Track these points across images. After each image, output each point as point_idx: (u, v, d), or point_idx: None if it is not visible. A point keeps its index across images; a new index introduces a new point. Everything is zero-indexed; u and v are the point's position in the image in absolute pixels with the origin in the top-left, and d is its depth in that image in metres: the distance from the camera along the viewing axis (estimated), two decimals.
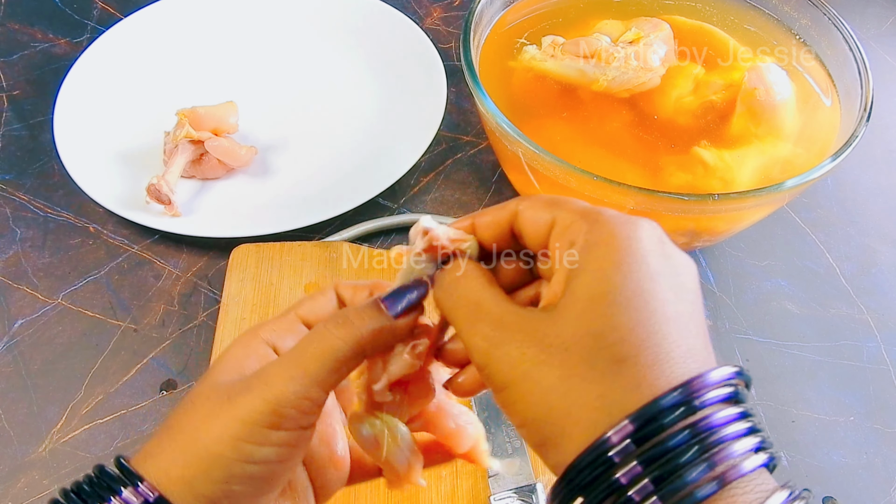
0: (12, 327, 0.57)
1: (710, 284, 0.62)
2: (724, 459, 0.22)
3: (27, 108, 0.72)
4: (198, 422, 0.28)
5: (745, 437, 0.23)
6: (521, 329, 0.25)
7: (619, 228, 0.26)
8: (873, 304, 0.61)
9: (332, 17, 0.78)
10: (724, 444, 0.23)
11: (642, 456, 0.22)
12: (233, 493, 0.27)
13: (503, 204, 0.29)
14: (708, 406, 0.23)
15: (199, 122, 0.63)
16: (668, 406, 0.23)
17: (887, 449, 0.53)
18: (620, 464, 0.23)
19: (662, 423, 0.23)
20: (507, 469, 0.47)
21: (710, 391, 0.23)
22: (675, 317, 0.25)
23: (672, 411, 0.23)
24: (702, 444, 0.22)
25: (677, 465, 0.22)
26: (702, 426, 0.23)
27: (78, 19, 0.81)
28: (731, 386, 0.24)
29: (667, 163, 0.56)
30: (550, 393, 0.24)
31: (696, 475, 0.22)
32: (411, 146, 0.65)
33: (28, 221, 0.64)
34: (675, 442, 0.22)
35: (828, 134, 0.57)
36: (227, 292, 0.56)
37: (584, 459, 0.23)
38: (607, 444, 0.23)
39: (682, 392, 0.23)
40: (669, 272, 0.26)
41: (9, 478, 0.50)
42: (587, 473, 0.23)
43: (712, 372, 0.24)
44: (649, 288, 0.25)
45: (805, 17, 0.62)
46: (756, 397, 0.56)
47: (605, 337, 0.24)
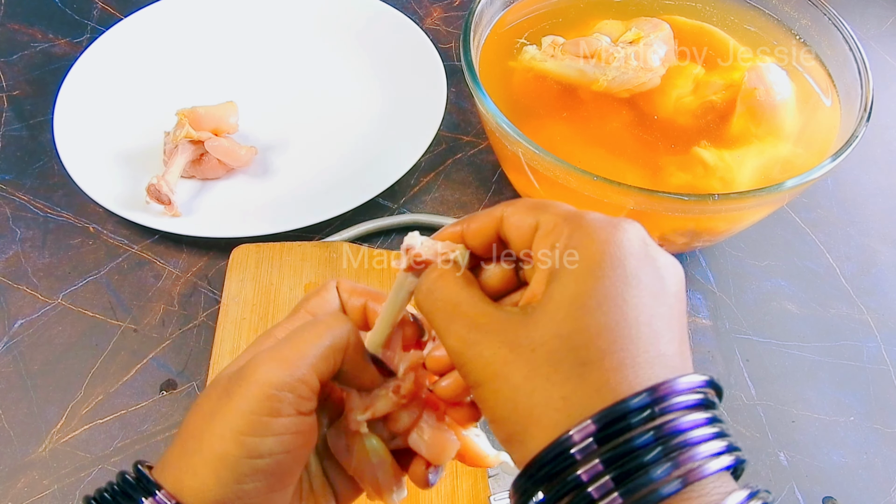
0: (12, 327, 0.57)
1: (710, 284, 0.62)
2: (688, 461, 0.23)
3: (27, 108, 0.72)
4: (202, 423, 0.28)
5: (711, 441, 0.23)
6: (495, 330, 0.26)
7: (599, 232, 0.26)
8: (873, 304, 0.61)
9: (332, 17, 0.78)
10: (688, 447, 0.23)
11: (604, 455, 0.23)
12: (244, 492, 0.27)
13: (490, 209, 0.29)
14: (673, 411, 0.23)
15: (199, 122, 0.63)
16: (632, 409, 0.23)
17: (887, 449, 0.53)
18: (582, 461, 0.23)
19: (628, 424, 0.23)
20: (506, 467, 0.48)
21: (677, 397, 0.23)
22: (647, 321, 0.25)
23: (636, 414, 0.23)
24: (665, 446, 0.23)
25: (640, 463, 0.22)
26: (667, 429, 0.23)
27: (78, 19, 0.81)
28: (701, 393, 0.24)
29: (667, 163, 0.56)
30: (517, 392, 0.25)
31: (660, 474, 0.22)
32: (411, 146, 0.65)
33: (28, 221, 0.64)
34: (639, 443, 0.23)
35: (828, 134, 0.57)
36: (227, 292, 0.56)
37: (546, 455, 0.24)
38: (569, 441, 0.23)
39: (648, 396, 0.23)
40: (650, 275, 0.25)
41: (9, 478, 0.50)
42: (548, 468, 0.23)
43: (681, 378, 0.24)
44: (622, 292, 0.25)
45: (805, 17, 0.62)
46: (756, 397, 0.56)
47: (572, 339, 0.24)
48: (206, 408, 0.28)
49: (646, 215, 0.51)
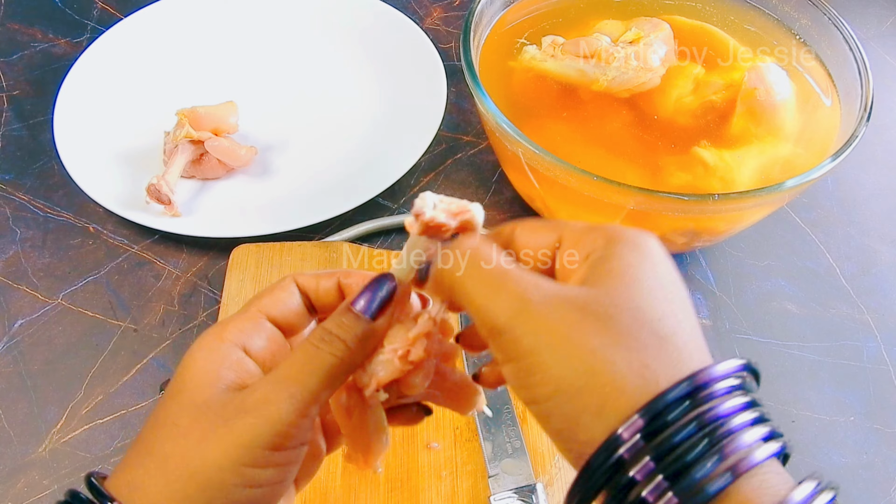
0: (12, 327, 0.57)
1: (710, 284, 0.62)
2: (735, 451, 0.23)
3: (27, 108, 0.72)
4: (188, 448, 0.27)
5: (755, 427, 0.23)
6: (557, 295, 0.25)
7: (634, 233, 0.27)
8: (873, 304, 0.61)
9: (332, 17, 0.78)
10: (733, 435, 0.23)
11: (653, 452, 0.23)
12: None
13: (497, 230, 0.29)
14: (715, 397, 0.23)
15: (199, 122, 0.63)
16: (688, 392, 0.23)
17: (887, 449, 0.53)
18: (631, 461, 0.23)
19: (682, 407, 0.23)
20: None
21: (720, 381, 0.24)
22: (691, 313, 0.26)
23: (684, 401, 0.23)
24: (711, 437, 0.23)
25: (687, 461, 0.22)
26: (709, 416, 0.23)
27: (78, 19, 0.81)
28: (739, 378, 0.25)
29: (667, 163, 0.56)
30: (594, 356, 0.24)
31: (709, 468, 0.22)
32: (411, 146, 0.65)
33: (28, 221, 0.64)
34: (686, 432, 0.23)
35: (828, 134, 0.57)
36: (227, 292, 0.56)
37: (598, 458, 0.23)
38: (619, 440, 0.23)
39: (700, 378, 0.23)
40: (678, 275, 0.27)
41: (9, 478, 0.50)
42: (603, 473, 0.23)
43: (719, 365, 0.24)
44: (670, 282, 0.26)
45: (805, 17, 0.62)
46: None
47: (646, 313, 0.25)
48: (194, 434, 0.27)
49: (646, 215, 0.51)
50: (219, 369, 0.28)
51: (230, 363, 0.29)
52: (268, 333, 0.30)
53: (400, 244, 0.62)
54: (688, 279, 0.62)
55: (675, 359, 0.24)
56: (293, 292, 0.31)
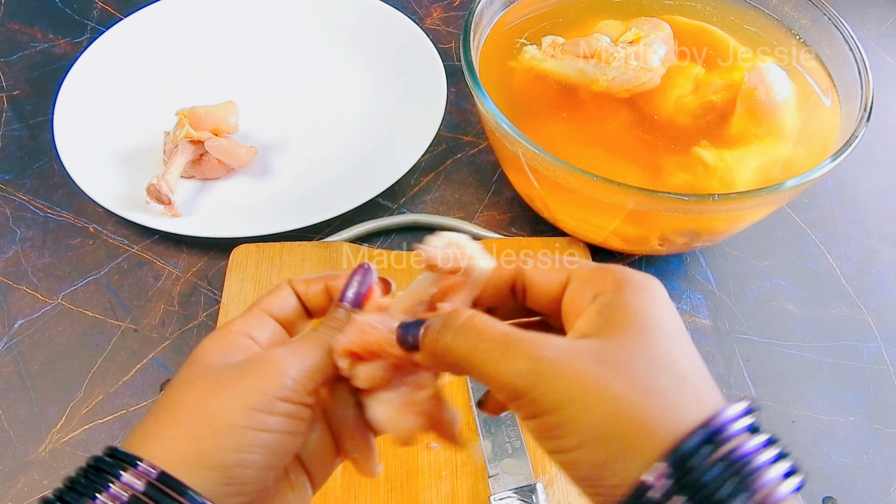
0: (12, 327, 0.57)
1: (710, 284, 0.62)
2: (762, 487, 0.23)
3: (27, 108, 0.72)
4: (201, 398, 0.28)
5: (777, 463, 0.24)
6: (571, 348, 0.26)
7: (640, 276, 0.28)
8: (873, 304, 0.61)
9: (332, 17, 0.78)
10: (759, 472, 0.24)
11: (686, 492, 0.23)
12: (244, 461, 0.28)
13: (499, 268, 0.32)
14: (736, 436, 0.24)
15: (199, 122, 0.63)
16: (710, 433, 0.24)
17: (887, 449, 0.53)
18: (664, 501, 0.23)
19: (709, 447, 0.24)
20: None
21: (736, 422, 0.25)
22: (696, 353, 0.27)
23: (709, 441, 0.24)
24: (739, 474, 0.23)
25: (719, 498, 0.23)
26: (736, 455, 0.24)
27: (78, 19, 0.81)
28: (752, 416, 0.25)
29: (667, 163, 0.56)
30: (619, 403, 0.24)
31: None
32: (411, 146, 0.65)
33: (28, 221, 0.64)
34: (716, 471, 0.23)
35: (828, 134, 0.57)
36: (227, 292, 0.56)
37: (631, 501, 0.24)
38: (650, 482, 0.23)
39: (719, 420, 0.24)
40: (679, 318, 0.28)
41: (9, 478, 0.50)
42: None
43: (732, 406, 0.25)
44: (677, 325, 0.27)
45: (805, 17, 0.62)
46: (756, 397, 0.56)
47: (660, 358, 0.26)
48: (205, 387, 0.29)
49: (646, 215, 0.51)
50: (227, 349, 0.31)
51: (239, 346, 0.31)
52: (271, 327, 0.33)
53: (400, 244, 0.63)
54: (688, 279, 0.62)
55: (694, 399, 0.25)
56: (290, 294, 0.34)
